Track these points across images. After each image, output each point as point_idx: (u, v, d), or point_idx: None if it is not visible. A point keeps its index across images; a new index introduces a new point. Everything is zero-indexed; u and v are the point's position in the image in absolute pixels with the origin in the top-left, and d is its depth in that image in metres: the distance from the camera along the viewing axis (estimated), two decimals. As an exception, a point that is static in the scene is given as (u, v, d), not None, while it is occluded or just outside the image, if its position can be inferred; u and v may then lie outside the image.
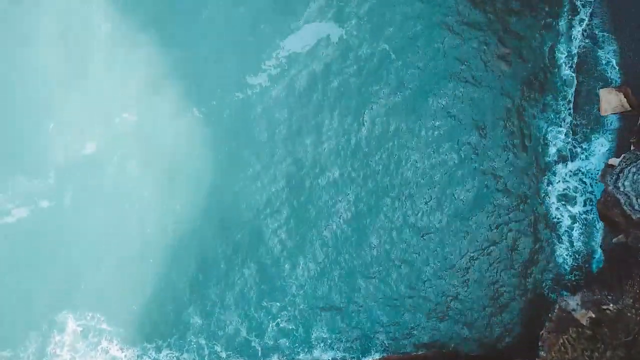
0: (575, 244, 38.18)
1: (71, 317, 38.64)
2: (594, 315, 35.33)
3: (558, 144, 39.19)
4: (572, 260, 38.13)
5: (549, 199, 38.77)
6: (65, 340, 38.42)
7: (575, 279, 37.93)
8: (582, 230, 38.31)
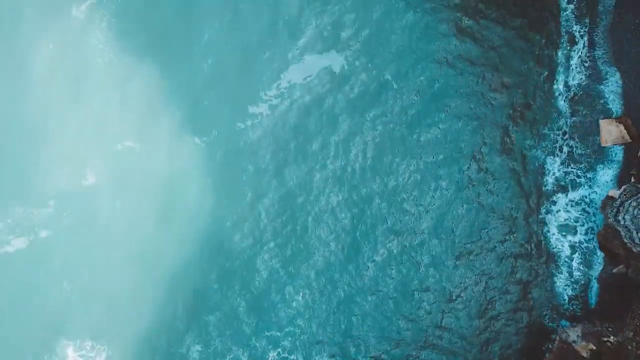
0: (575, 274, 38.22)
1: (71, 347, 38.43)
2: (594, 348, 35.41)
3: (557, 174, 39.16)
4: (572, 290, 38.20)
5: (549, 228, 38.79)
6: (64, 370, 38.37)
7: (575, 309, 38.00)
8: (582, 260, 38.32)
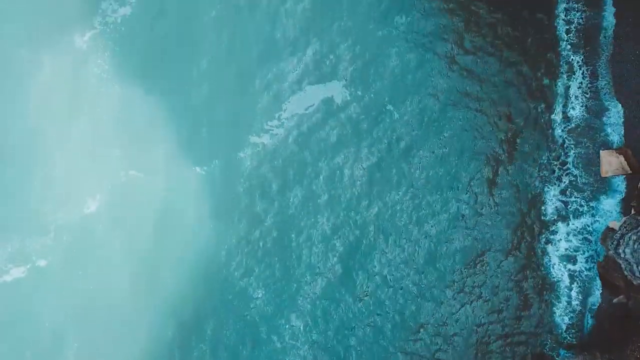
0: (574, 303, 38.23)
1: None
2: (595, 380, 35.62)
3: (557, 203, 39.16)
4: (570, 318, 38.15)
5: (549, 257, 38.80)
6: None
7: (574, 338, 38.03)
8: (582, 289, 38.36)
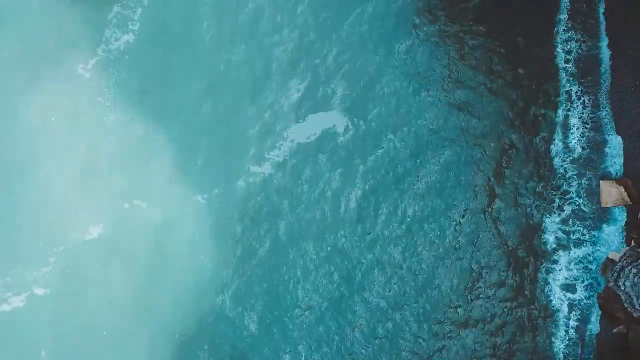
0: (573, 333, 38.20)
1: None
2: (596, 412, 35.63)
3: (557, 233, 39.20)
4: (569, 348, 38.11)
5: (549, 286, 38.82)
6: None
7: (573, 369, 38.20)
8: (581, 318, 38.30)
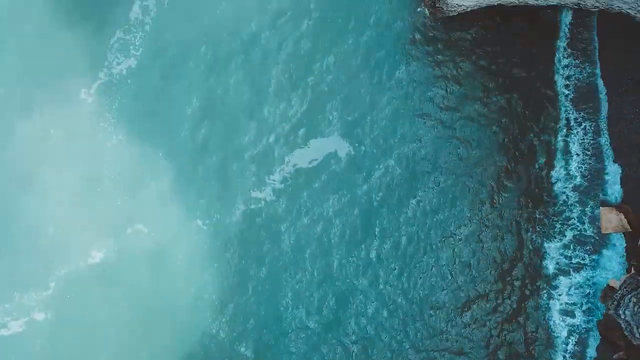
0: (569, 359, 38.07)
1: None
2: None
3: (558, 258, 39.24)
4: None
5: (549, 312, 38.75)
6: None
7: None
8: (580, 343, 38.17)
